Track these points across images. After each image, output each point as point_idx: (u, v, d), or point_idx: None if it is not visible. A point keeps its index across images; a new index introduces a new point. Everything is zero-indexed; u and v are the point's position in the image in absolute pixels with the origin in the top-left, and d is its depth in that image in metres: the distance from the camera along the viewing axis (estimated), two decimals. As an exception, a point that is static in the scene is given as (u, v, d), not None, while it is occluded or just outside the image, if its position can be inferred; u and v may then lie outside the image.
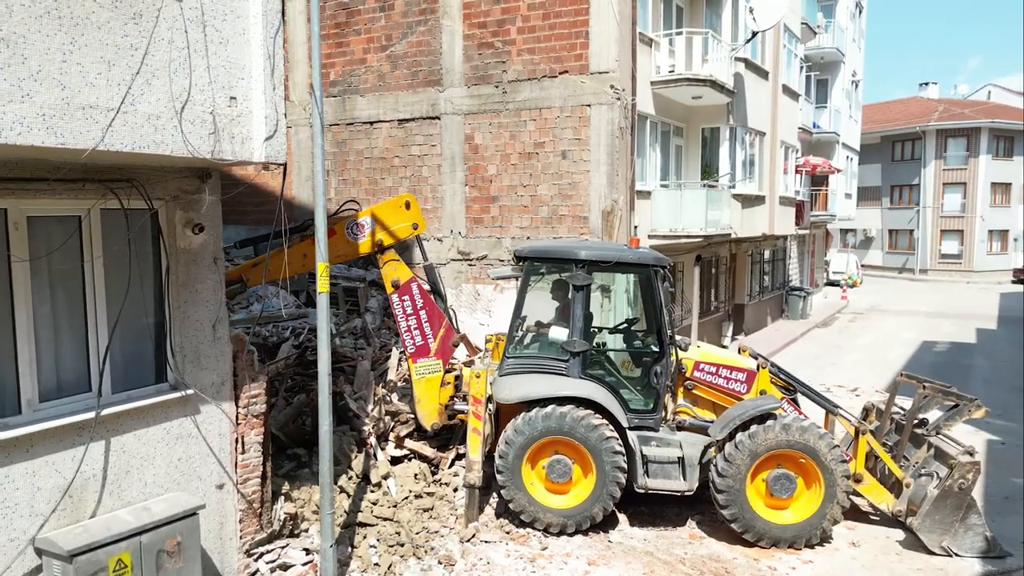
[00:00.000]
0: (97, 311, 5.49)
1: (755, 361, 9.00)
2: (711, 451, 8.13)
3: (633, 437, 8.17)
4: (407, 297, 8.74)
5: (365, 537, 7.55)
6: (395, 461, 8.95)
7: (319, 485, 6.31)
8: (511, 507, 8.03)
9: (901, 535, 8.17)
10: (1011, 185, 43.57)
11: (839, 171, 29.56)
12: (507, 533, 8.01)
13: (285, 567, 6.72)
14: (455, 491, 8.64)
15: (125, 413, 5.59)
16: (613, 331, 10.29)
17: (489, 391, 8.29)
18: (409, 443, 9.14)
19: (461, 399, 8.85)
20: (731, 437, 7.85)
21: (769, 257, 24.50)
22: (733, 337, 20.33)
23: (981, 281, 41.55)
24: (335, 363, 9.65)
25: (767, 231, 20.36)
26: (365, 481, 8.41)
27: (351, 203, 8.67)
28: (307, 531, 7.32)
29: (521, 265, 8.73)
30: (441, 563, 7.27)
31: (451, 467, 9.08)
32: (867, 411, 9.48)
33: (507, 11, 12.99)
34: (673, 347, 8.51)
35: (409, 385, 9.28)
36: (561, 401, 7.98)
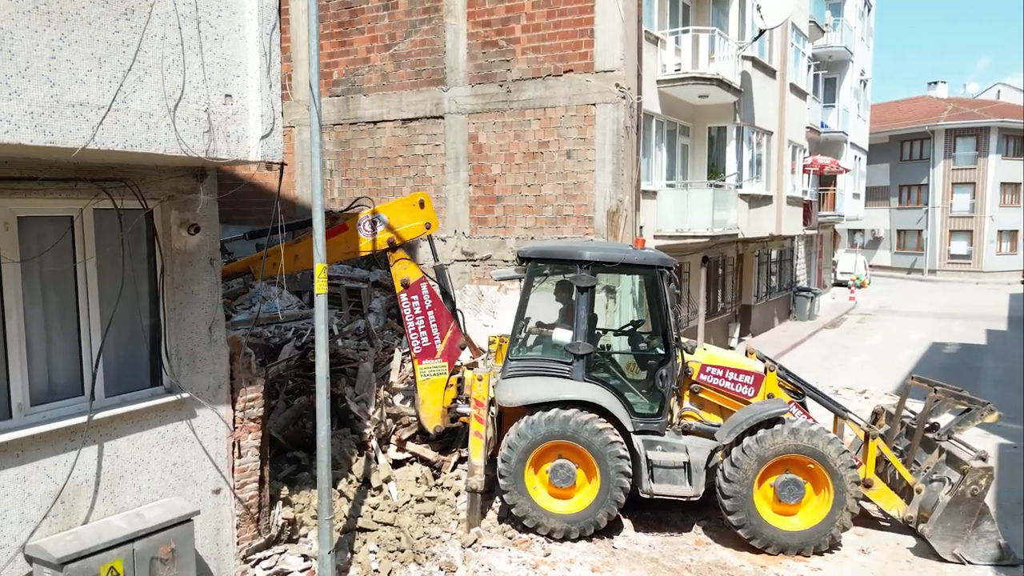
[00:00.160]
0: (90, 313, 5.39)
1: (763, 364, 8.85)
2: (718, 456, 7.99)
3: (638, 441, 8.03)
4: (416, 297, 8.62)
5: (365, 542, 7.43)
6: (396, 464, 8.84)
7: (318, 490, 6.20)
8: (514, 512, 7.90)
9: (912, 542, 8.01)
10: (1021, 185, 43.18)
11: (847, 171, 29.35)
12: (509, 539, 7.88)
13: (283, 574, 6.61)
14: (457, 495, 8.52)
15: (119, 417, 5.49)
16: (618, 333, 10.18)
17: (491, 394, 8.18)
18: (411, 446, 9.03)
19: (464, 401, 8.74)
20: (738, 442, 7.72)
21: (776, 257, 24.31)
22: (740, 338, 20.16)
23: (990, 282, 41.21)
24: (337, 364, 9.55)
25: (774, 231, 20.19)
26: (366, 485, 8.29)
27: (364, 199, 8.57)
28: (306, 537, 7.21)
29: (524, 266, 8.60)
30: (442, 569, 7.14)
31: (453, 470, 8.95)
32: (877, 415, 9.35)
33: (511, 9, 12.86)
34: (679, 349, 8.38)
35: (412, 387, 9.16)
36: (565, 405, 7.85)
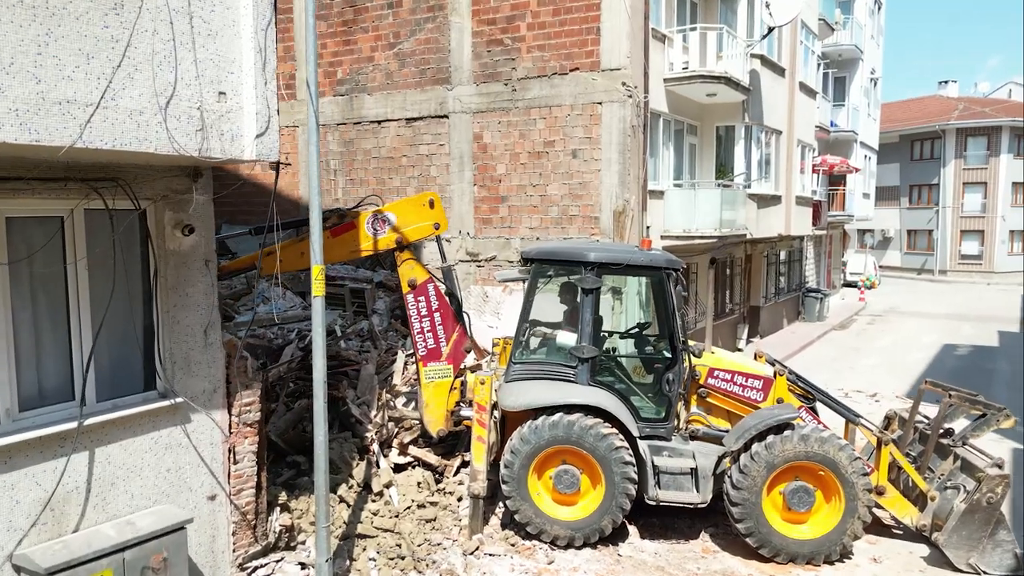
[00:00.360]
0: (81, 316, 5.27)
1: (772, 368, 8.66)
2: (725, 462, 7.81)
3: (644, 447, 7.86)
4: (423, 298, 8.48)
5: (365, 549, 7.28)
6: (398, 469, 8.69)
7: (315, 496, 6.05)
8: (517, 518, 7.74)
9: (925, 551, 7.81)
10: (1032, 185, 42.82)
11: (857, 170, 29.09)
12: (512, 546, 7.72)
13: (280, 581, 6.48)
14: (459, 500, 8.37)
15: (111, 422, 5.36)
16: (624, 336, 9.99)
17: (494, 398, 8.02)
18: (413, 450, 8.88)
19: (467, 405, 8.59)
20: (747, 448, 7.53)
21: (785, 258, 24.07)
22: (748, 340, 19.95)
23: (1002, 282, 40.76)
24: (339, 367, 9.41)
25: (783, 232, 19.99)
26: (366, 490, 8.15)
27: (372, 197, 8.44)
28: (304, 544, 7.07)
29: (528, 267, 8.44)
30: (443, 577, 6.99)
31: (456, 475, 8.81)
32: (889, 420, 9.14)
33: (517, 7, 12.70)
34: (686, 353, 8.19)
35: (415, 389, 9.02)
36: (569, 409, 7.68)
